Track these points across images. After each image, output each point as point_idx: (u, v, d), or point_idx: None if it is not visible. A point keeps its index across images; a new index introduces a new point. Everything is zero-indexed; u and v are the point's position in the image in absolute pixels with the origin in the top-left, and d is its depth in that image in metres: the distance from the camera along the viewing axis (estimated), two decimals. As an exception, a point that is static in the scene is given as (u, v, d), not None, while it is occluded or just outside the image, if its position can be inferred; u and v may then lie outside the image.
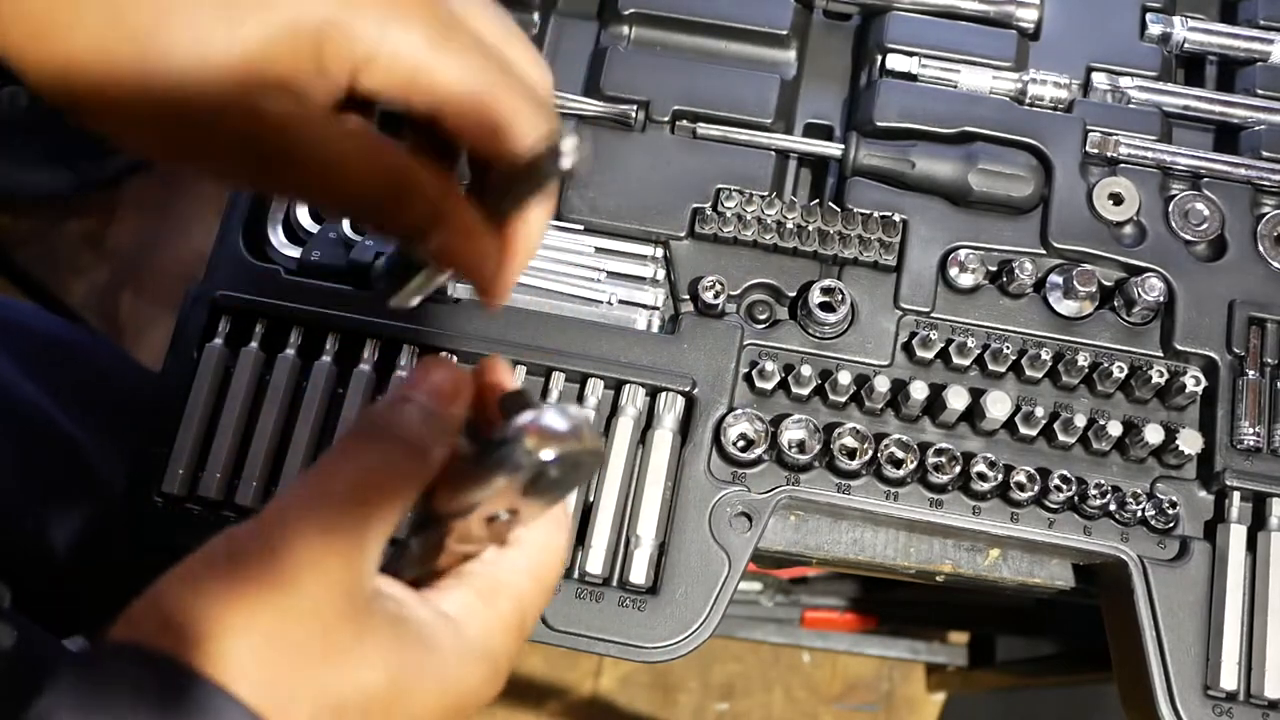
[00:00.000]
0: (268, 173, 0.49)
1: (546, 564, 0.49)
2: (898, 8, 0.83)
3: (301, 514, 0.43)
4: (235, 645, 0.41)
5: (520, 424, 0.43)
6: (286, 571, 0.42)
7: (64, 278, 1.99)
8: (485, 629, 0.47)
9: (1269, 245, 0.77)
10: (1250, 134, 0.80)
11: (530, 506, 0.46)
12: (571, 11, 0.84)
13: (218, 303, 0.74)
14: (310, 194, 0.51)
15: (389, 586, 0.45)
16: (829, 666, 1.79)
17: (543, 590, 0.49)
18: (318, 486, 0.44)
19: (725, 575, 0.69)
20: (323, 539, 0.42)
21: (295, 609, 0.42)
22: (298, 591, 0.42)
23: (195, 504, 0.71)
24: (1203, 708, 0.67)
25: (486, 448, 0.44)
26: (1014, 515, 0.71)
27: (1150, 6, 0.84)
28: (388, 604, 0.44)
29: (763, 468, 0.72)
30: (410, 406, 0.46)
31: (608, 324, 0.74)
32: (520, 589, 0.48)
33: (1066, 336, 0.75)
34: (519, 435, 0.43)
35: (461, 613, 0.47)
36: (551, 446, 0.43)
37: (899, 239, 0.76)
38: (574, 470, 0.44)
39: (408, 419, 0.46)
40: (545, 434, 0.43)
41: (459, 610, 0.47)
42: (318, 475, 0.44)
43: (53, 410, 0.89)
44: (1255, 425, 0.72)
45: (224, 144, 0.47)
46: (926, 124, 0.78)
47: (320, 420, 0.72)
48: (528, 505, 0.46)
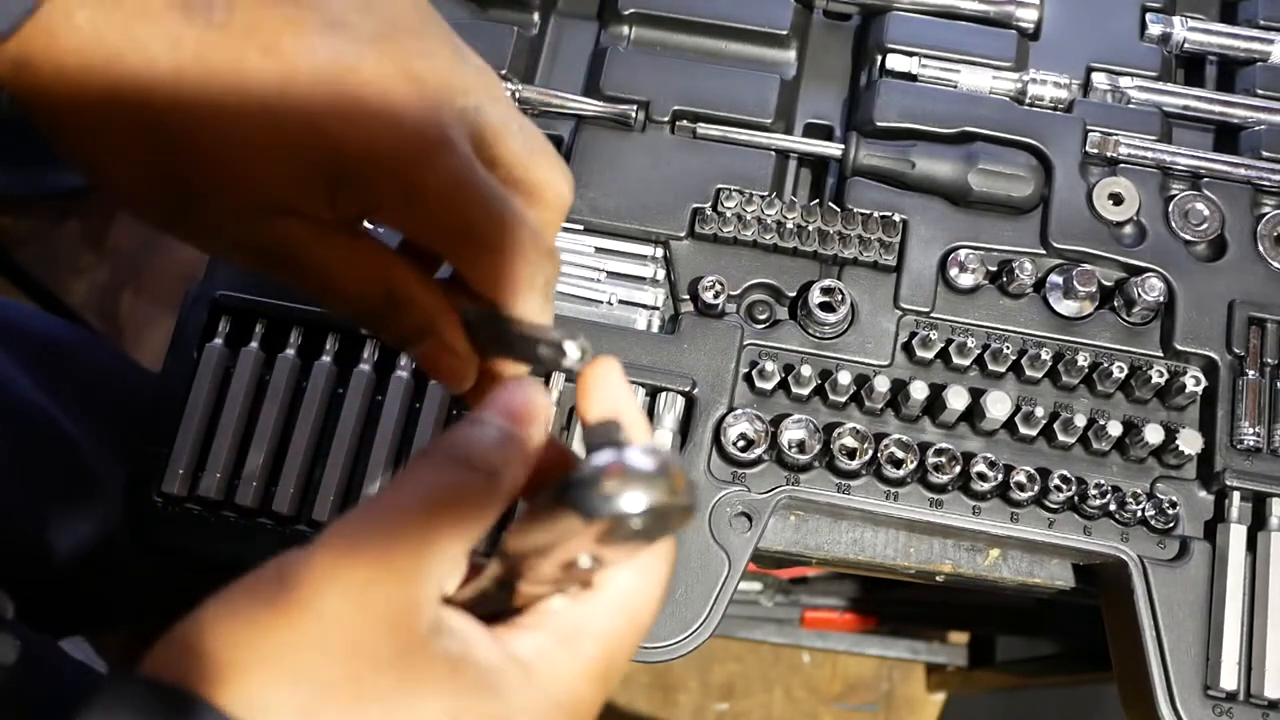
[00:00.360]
0: (262, 265, 0.49)
1: (637, 609, 0.44)
2: (898, 8, 0.83)
3: (354, 539, 0.39)
4: (256, 680, 0.38)
5: (599, 464, 0.38)
6: (326, 602, 0.38)
7: (64, 278, 1.99)
8: (561, 676, 0.43)
9: (1269, 245, 0.77)
10: (1250, 134, 0.80)
11: (614, 553, 0.41)
12: (571, 11, 0.84)
13: (218, 303, 0.74)
14: (306, 292, 0.51)
15: (457, 621, 0.42)
16: (829, 666, 1.79)
17: (633, 634, 0.45)
18: (376, 510, 0.40)
19: (725, 575, 0.69)
20: (371, 567, 0.39)
21: (328, 643, 0.38)
22: (334, 624, 0.38)
23: (195, 504, 0.71)
24: (1203, 708, 0.67)
25: (561, 486, 0.38)
26: (1014, 515, 0.71)
27: (1150, 6, 0.84)
28: (450, 642, 0.41)
29: (763, 468, 0.72)
30: (483, 428, 0.42)
31: (608, 324, 0.74)
32: (606, 634, 0.44)
33: (1066, 336, 0.75)
34: (596, 478, 0.38)
35: (536, 658, 0.43)
36: (631, 494, 0.37)
37: (899, 239, 0.76)
38: (659, 522, 0.38)
39: (478, 441, 0.42)
40: (627, 478, 0.37)
41: (534, 654, 0.43)
42: (378, 499, 0.41)
43: (53, 410, 0.88)
44: (1255, 425, 0.72)
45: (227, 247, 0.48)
46: (926, 124, 0.78)
47: (320, 420, 0.72)
48: (610, 552, 0.41)
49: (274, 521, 0.71)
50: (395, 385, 0.72)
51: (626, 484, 0.37)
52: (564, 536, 0.39)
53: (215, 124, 0.44)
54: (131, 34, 0.43)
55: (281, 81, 0.44)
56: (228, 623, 0.39)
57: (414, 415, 0.72)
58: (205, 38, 0.43)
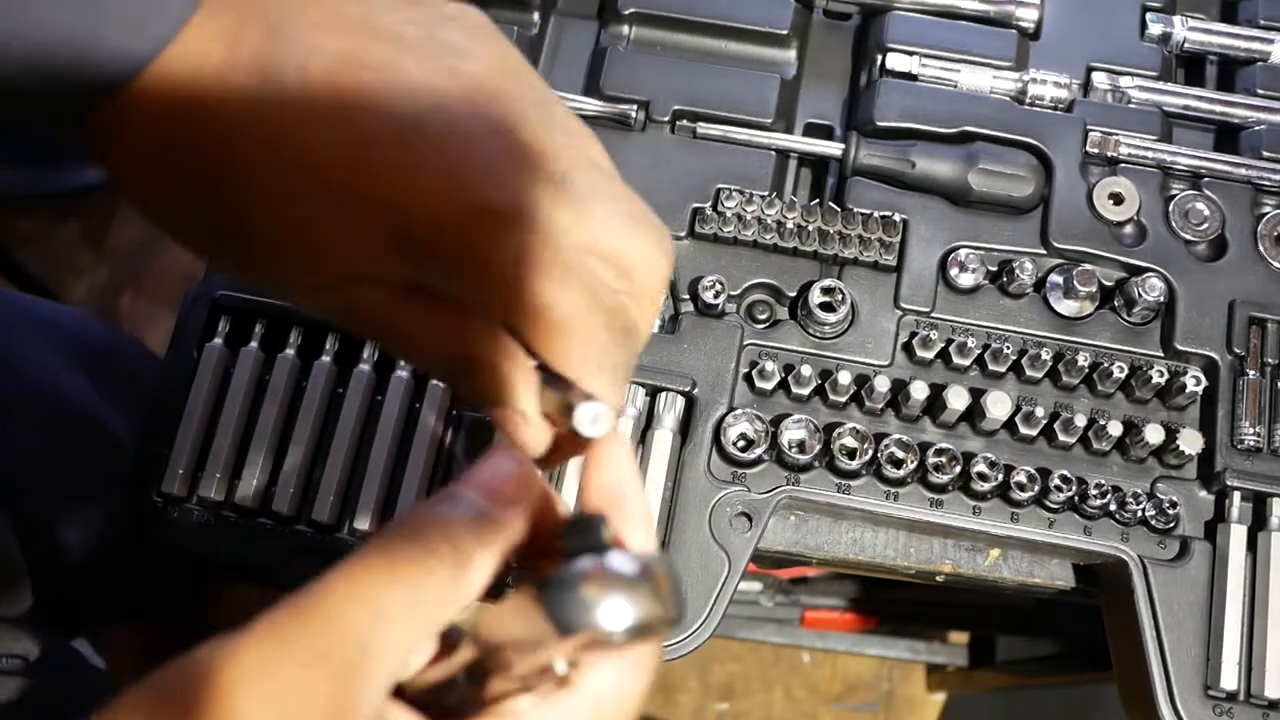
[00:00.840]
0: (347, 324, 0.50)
1: (615, 713, 0.40)
2: (898, 7, 0.83)
3: (287, 630, 0.35)
4: None
5: (578, 569, 0.36)
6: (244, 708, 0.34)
7: (64, 278, 1.99)
8: None
9: (1269, 245, 0.77)
10: (1250, 134, 0.80)
11: (593, 658, 0.38)
12: (571, 11, 0.84)
13: (218, 302, 0.74)
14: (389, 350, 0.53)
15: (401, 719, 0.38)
16: (829, 666, 1.79)
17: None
18: (319, 595, 0.36)
19: (725, 575, 0.69)
20: (302, 665, 0.35)
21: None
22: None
23: (195, 504, 0.71)
24: (1203, 708, 0.67)
25: (540, 587, 0.36)
26: (1014, 515, 0.71)
27: (1150, 6, 0.84)
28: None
29: (763, 468, 0.72)
30: (454, 505, 0.39)
31: (608, 324, 0.74)
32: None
33: (1066, 336, 0.75)
34: (573, 582, 0.35)
35: None
36: (611, 607, 0.35)
37: (899, 239, 0.76)
38: (641, 635, 0.36)
39: (451, 521, 0.38)
40: (606, 585, 0.35)
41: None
42: (326, 581, 0.37)
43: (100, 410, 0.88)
44: (1255, 425, 0.72)
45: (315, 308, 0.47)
46: (926, 124, 0.78)
47: (320, 420, 0.72)
48: (589, 657, 0.38)
49: (274, 521, 0.71)
50: (395, 385, 0.72)
51: (606, 594, 0.35)
52: (539, 636, 0.36)
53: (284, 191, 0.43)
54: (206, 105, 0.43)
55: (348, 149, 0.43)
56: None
57: (414, 415, 0.72)
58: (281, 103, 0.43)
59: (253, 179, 0.43)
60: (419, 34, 0.44)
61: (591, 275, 0.44)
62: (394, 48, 0.43)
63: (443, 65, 0.44)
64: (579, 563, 0.36)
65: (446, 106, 0.43)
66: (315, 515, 0.70)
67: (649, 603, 0.35)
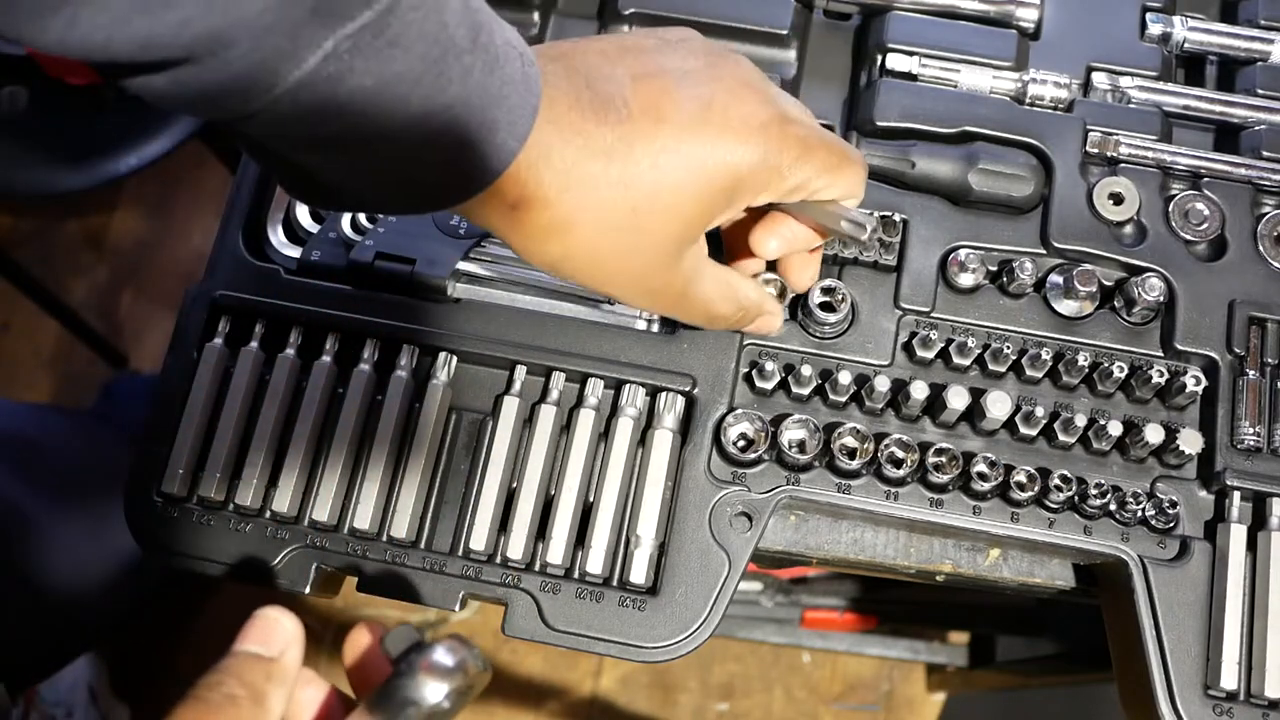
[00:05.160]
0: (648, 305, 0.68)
1: None
2: (898, 8, 0.83)
3: None
4: None
5: (413, 661, 0.47)
6: None
7: (64, 278, 1.99)
8: None
9: (1269, 245, 0.77)
10: (1250, 134, 0.80)
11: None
12: (571, 11, 0.84)
13: (218, 303, 0.74)
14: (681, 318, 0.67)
15: None
16: (829, 666, 1.79)
17: None
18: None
19: (725, 575, 0.69)
20: None
21: None
22: None
23: (195, 504, 0.71)
24: (1203, 708, 0.67)
25: (383, 690, 0.47)
26: (1014, 515, 0.71)
27: (1150, 6, 0.84)
28: None
29: (763, 468, 0.72)
30: (238, 658, 0.50)
31: (607, 324, 0.74)
32: None
33: (1066, 336, 0.75)
34: (413, 672, 0.47)
35: None
36: (445, 681, 0.47)
37: (899, 239, 0.76)
38: (464, 697, 0.48)
39: (237, 670, 0.49)
40: (436, 669, 0.47)
41: None
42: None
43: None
44: (1255, 425, 0.72)
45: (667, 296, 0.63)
46: (926, 124, 0.78)
47: (320, 420, 0.72)
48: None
49: (274, 521, 0.71)
50: (395, 385, 0.72)
51: (437, 674, 0.47)
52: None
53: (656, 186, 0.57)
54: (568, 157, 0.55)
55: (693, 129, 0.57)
56: None
57: (414, 415, 0.72)
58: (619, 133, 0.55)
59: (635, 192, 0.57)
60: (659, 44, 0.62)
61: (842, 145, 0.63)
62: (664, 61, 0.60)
63: (701, 62, 0.60)
64: (410, 657, 0.48)
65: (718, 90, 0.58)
66: (315, 515, 0.70)
67: (464, 668, 0.48)
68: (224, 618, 1.73)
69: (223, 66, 0.45)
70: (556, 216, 0.56)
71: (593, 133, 0.55)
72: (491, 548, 0.70)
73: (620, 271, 0.59)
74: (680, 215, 0.58)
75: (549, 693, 1.76)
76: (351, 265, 0.74)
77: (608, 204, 0.56)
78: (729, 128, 0.57)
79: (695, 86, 0.58)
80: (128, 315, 1.99)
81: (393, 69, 0.48)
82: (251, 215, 0.78)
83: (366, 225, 0.76)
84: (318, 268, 0.75)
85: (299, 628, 0.52)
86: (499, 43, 0.53)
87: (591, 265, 0.58)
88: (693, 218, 0.58)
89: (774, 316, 0.70)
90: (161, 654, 1.75)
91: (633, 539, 0.70)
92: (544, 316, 0.74)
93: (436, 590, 0.70)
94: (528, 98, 0.53)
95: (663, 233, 0.58)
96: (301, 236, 0.77)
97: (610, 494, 0.70)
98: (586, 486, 0.71)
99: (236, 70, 0.46)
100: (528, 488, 0.71)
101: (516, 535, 0.69)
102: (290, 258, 0.76)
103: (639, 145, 0.56)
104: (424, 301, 0.74)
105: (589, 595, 0.69)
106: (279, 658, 0.50)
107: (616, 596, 0.69)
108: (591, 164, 0.55)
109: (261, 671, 0.49)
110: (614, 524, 0.70)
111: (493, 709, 1.73)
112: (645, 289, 0.61)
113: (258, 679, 0.49)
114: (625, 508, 0.71)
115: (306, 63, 0.46)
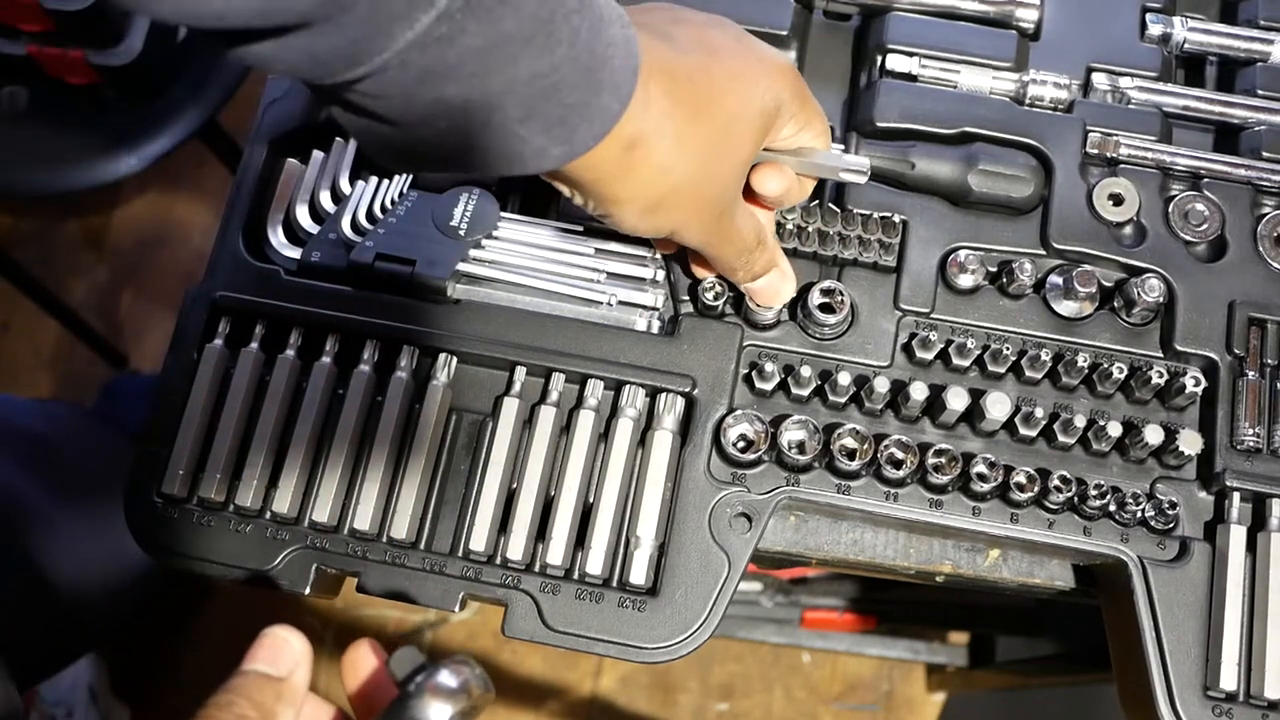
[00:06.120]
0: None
1: None
2: (898, 8, 0.83)
3: None
4: None
5: (420, 685, 0.49)
6: None
7: (64, 278, 1.99)
8: None
9: (1269, 246, 0.77)
10: (1250, 134, 0.80)
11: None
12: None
13: (218, 303, 0.74)
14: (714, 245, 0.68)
15: None
16: (829, 666, 1.79)
17: None
18: None
19: (725, 576, 0.69)
20: None
21: None
22: None
23: (195, 505, 0.71)
24: (1203, 708, 0.67)
25: (389, 714, 0.48)
26: (1014, 516, 0.71)
27: (1150, 7, 0.84)
28: None
29: (763, 468, 0.72)
30: (247, 678, 0.50)
31: (607, 325, 0.74)
32: None
33: (1066, 337, 0.75)
34: (420, 695, 0.48)
35: None
36: (450, 703, 0.48)
37: (899, 240, 0.76)
38: (468, 719, 0.50)
39: (247, 690, 0.50)
40: (441, 691, 0.48)
41: None
42: None
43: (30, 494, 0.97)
44: (1255, 426, 0.72)
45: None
46: (926, 124, 0.78)
47: (320, 420, 0.72)
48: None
49: (274, 522, 0.71)
50: (395, 386, 0.72)
51: (442, 695, 0.48)
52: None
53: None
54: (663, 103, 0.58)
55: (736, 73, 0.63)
56: None
57: (414, 416, 0.72)
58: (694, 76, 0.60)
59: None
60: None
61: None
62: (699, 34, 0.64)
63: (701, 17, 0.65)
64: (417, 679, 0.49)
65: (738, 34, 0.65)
66: (315, 515, 0.70)
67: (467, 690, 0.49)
68: (224, 618, 1.73)
69: (336, 30, 0.45)
70: (661, 159, 0.59)
71: (676, 74, 0.59)
72: (491, 548, 0.70)
73: (702, 199, 0.63)
74: (747, 140, 0.63)
75: (549, 693, 1.76)
76: (351, 266, 0.74)
77: (695, 139, 0.60)
78: (766, 60, 0.64)
79: (722, 31, 0.64)
80: (128, 315, 1.99)
81: (503, 28, 0.48)
82: (251, 216, 0.78)
83: (366, 226, 0.76)
84: (318, 269, 0.75)
85: (307, 647, 0.53)
86: (601, 2, 0.54)
87: (689, 198, 0.62)
88: (753, 142, 0.64)
89: (786, 279, 0.73)
90: (162, 654, 1.74)
91: (632, 540, 0.70)
92: (544, 317, 0.74)
93: (436, 591, 0.70)
94: (628, 60, 0.55)
95: (735, 158, 0.63)
96: (301, 237, 0.77)
97: (610, 495, 0.70)
98: (586, 487, 0.71)
99: (351, 34, 0.45)
100: (528, 489, 0.71)
101: (516, 536, 0.69)
102: (290, 258, 0.76)
103: (710, 85, 0.61)
104: (424, 302, 0.74)
105: (589, 596, 0.69)
106: (288, 678, 0.51)
107: (616, 597, 0.69)
108: (678, 107, 0.59)
109: (271, 692, 0.50)
110: (614, 525, 0.70)
111: (493, 709, 1.73)
112: (713, 216, 0.65)
113: (267, 699, 0.49)
114: (625, 509, 0.71)
115: (420, 22, 0.46)
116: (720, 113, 0.61)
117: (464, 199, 0.76)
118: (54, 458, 1.18)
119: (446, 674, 0.49)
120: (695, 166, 0.61)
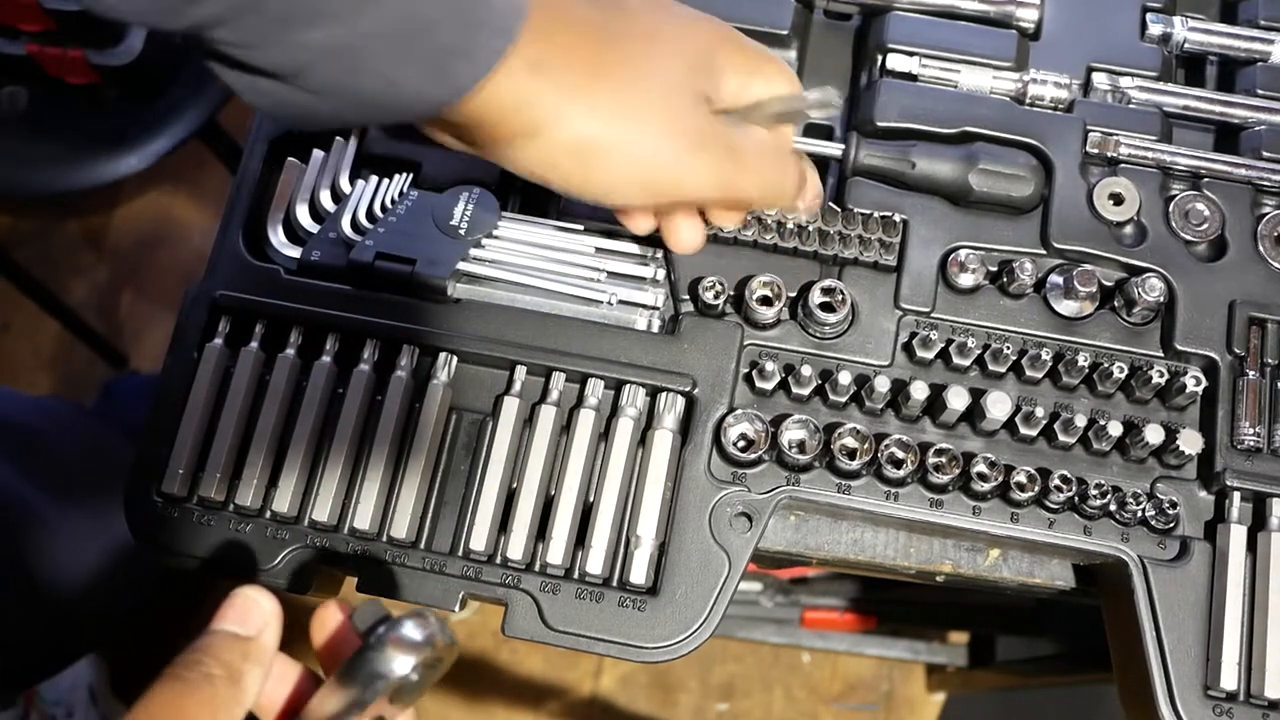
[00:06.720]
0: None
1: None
2: (898, 8, 0.83)
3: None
4: None
5: (381, 636, 0.47)
6: None
7: (64, 278, 1.99)
8: None
9: (1269, 245, 0.77)
10: (1250, 134, 0.80)
11: (394, 713, 0.49)
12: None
13: (218, 303, 0.74)
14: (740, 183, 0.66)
15: None
16: (829, 666, 1.79)
17: None
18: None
19: (725, 575, 0.69)
20: None
21: None
22: None
23: (195, 504, 0.71)
24: (1203, 708, 0.67)
25: (352, 664, 0.47)
26: (1014, 515, 0.71)
27: (1150, 6, 0.84)
28: None
29: (763, 468, 0.72)
30: (216, 637, 0.49)
31: (608, 324, 0.74)
32: None
33: (1066, 337, 0.75)
34: (381, 646, 0.47)
35: None
36: (413, 654, 0.47)
37: (899, 239, 0.76)
38: (432, 671, 0.48)
39: (214, 649, 0.49)
40: (404, 643, 0.47)
41: None
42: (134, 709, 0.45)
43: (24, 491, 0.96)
44: (1255, 425, 0.72)
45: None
46: (927, 124, 0.78)
47: (320, 419, 0.72)
48: (392, 712, 0.49)
49: (274, 521, 0.71)
50: (395, 385, 0.72)
51: (405, 647, 0.47)
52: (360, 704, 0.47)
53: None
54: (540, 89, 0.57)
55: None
56: None
57: (414, 415, 0.72)
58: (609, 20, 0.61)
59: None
60: None
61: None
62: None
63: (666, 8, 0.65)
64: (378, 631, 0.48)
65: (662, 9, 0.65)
66: (315, 515, 0.70)
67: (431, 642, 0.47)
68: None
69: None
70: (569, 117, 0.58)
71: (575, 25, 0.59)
72: (491, 548, 0.70)
73: (635, 162, 0.61)
74: (679, 100, 0.62)
75: (549, 693, 1.76)
76: (351, 265, 0.74)
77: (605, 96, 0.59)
78: (683, 17, 0.65)
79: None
80: (128, 315, 1.99)
81: None
82: (251, 215, 0.78)
83: (366, 225, 0.76)
84: (318, 268, 0.75)
85: (276, 607, 0.52)
86: None
87: (621, 162, 0.61)
88: (688, 100, 0.62)
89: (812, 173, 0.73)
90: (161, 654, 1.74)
91: (633, 539, 0.70)
92: (544, 316, 0.74)
93: (436, 590, 0.70)
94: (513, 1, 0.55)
95: (669, 119, 0.61)
96: (301, 236, 0.77)
97: (610, 494, 0.70)
98: (586, 487, 0.71)
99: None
100: (528, 488, 0.71)
101: (516, 535, 0.69)
102: (290, 258, 0.76)
103: (616, 43, 0.60)
104: (424, 302, 0.74)
105: (589, 595, 0.69)
106: (256, 637, 0.50)
107: (616, 597, 0.69)
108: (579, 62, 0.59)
109: (239, 651, 0.49)
110: (614, 524, 0.70)
111: (493, 709, 1.73)
112: (692, 134, 0.62)
113: (235, 658, 0.49)
114: (625, 508, 0.71)
115: None
116: (634, 71, 0.60)
117: (464, 198, 0.76)
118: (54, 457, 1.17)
119: (410, 625, 0.48)
120: (616, 128, 0.60)
